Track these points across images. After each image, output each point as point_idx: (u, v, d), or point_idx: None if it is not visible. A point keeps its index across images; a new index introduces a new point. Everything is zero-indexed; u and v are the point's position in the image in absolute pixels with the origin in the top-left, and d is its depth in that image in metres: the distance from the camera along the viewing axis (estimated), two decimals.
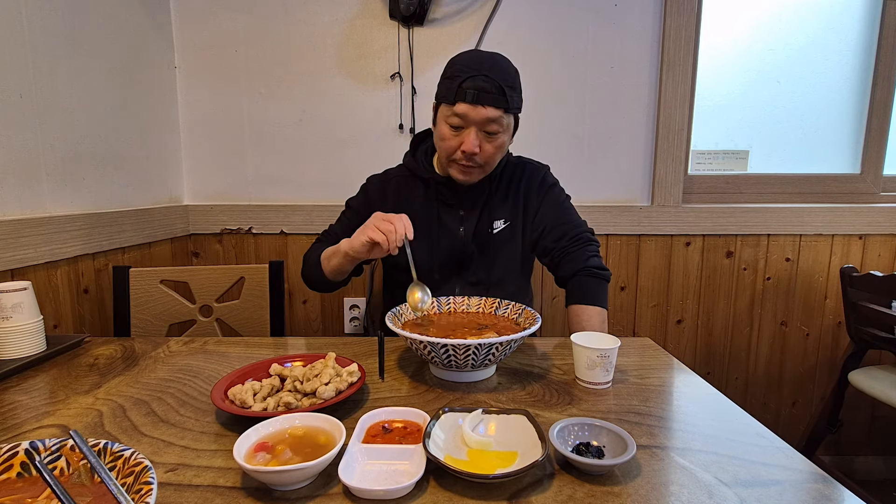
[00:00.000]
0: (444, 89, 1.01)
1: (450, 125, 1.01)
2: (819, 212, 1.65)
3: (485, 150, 1.01)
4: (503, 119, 0.99)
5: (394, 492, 0.49)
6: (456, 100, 0.97)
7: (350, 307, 1.71)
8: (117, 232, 1.34)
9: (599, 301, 1.05)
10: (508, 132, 1.03)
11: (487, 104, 0.96)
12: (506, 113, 0.98)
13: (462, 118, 0.98)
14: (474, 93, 0.95)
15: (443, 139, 1.03)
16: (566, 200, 1.17)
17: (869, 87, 1.69)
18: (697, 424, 0.66)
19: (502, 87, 0.96)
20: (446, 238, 1.11)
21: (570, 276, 1.09)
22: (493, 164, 1.06)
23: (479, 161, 1.02)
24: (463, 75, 0.97)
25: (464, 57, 1.01)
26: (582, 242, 1.11)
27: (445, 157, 1.05)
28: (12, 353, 0.86)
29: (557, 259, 1.11)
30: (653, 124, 1.64)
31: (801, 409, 1.78)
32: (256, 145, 1.66)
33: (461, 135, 1.00)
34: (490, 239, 1.11)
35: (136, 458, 0.45)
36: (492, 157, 1.03)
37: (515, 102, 1.00)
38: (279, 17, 1.59)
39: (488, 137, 1.00)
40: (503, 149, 1.05)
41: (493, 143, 1.01)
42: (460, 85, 0.96)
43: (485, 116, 0.97)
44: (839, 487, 0.53)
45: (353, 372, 0.73)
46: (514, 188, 1.14)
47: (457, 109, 0.98)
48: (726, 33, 1.68)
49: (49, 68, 1.14)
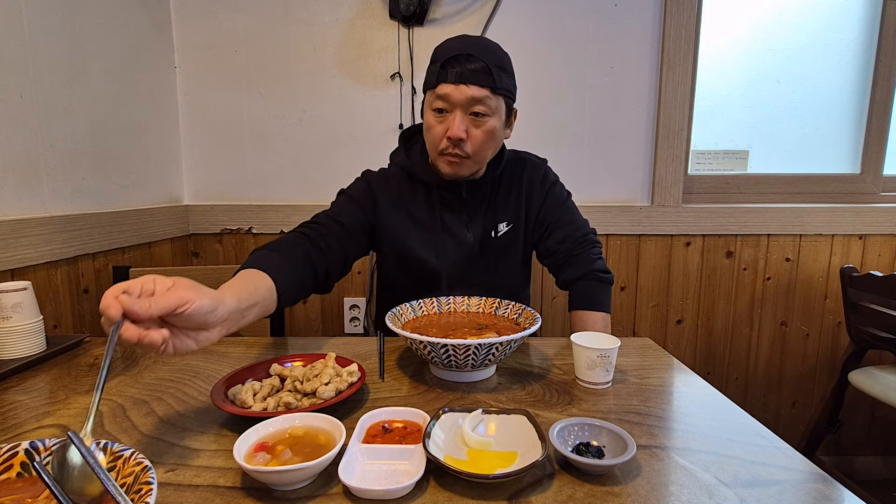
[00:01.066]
0: (428, 74, 0.96)
1: (434, 111, 0.94)
2: (819, 212, 1.65)
3: (473, 136, 0.94)
4: (490, 100, 0.92)
5: (394, 492, 0.49)
6: (438, 81, 0.92)
7: (350, 307, 1.71)
8: (117, 232, 1.34)
9: (604, 306, 1.05)
10: (498, 116, 0.95)
11: (471, 82, 0.90)
12: (493, 93, 0.92)
13: (445, 100, 0.92)
14: (457, 71, 0.90)
15: (428, 128, 0.97)
16: (568, 199, 1.14)
17: (869, 87, 1.69)
18: (697, 424, 0.66)
19: (488, 66, 0.90)
20: (452, 245, 1.06)
21: (574, 279, 1.07)
22: (483, 154, 0.98)
23: (467, 150, 0.95)
24: (446, 56, 0.92)
25: (449, 41, 0.96)
26: (586, 245, 1.08)
27: (433, 149, 0.98)
28: (12, 353, 0.85)
29: (561, 262, 1.08)
30: (653, 124, 1.64)
31: (801, 409, 1.78)
32: (256, 145, 1.66)
33: (446, 120, 0.94)
34: (494, 243, 1.08)
35: (136, 458, 0.45)
36: (482, 146, 0.95)
37: (504, 83, 0.93)
38: (279, 17, 1.59)
39: (475, 121, 0.93)
40: (494, 136, 0.96)
41: (482, 128, 0.94)
42: (442, 66, 0.91)
43: (469, 96, 0.90)
44: (839, 487, 0.52)
45: (353, 372, 0.73)
46: (516, 187, 1.09)
47: (439, 91, 0.92)
48: (726, 33, 1.69)
49: (49, 68, 1.14)
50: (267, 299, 0.76)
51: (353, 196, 1.06)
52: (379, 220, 1.07)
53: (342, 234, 0.99)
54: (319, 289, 0.96)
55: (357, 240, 1.03)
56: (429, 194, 1.06)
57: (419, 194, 1.07)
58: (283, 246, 0.90)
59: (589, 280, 1.06)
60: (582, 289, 1.06)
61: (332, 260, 0.96)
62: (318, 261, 0.93)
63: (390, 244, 1.07)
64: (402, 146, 1.11)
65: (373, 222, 1.07)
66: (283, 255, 0.86)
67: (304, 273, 0.90)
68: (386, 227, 1.06)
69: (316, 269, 0.93)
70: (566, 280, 1.09)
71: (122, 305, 0.52)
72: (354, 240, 1.02)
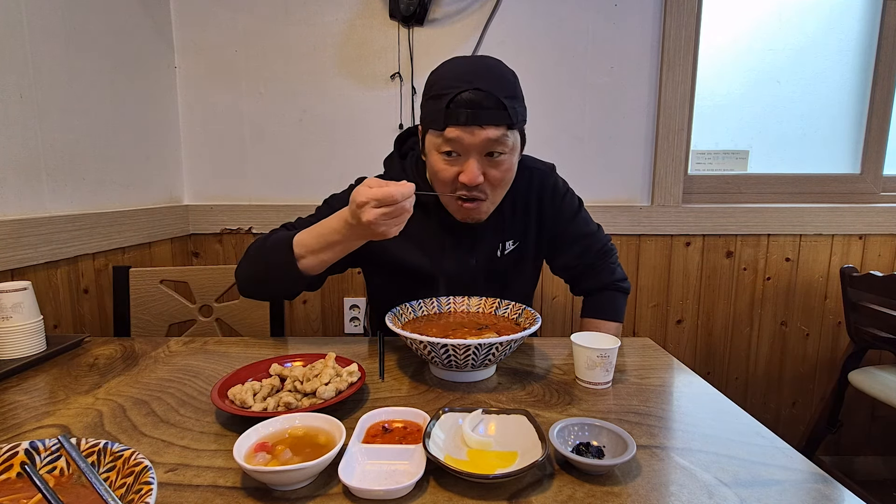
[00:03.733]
0: (429, 112, 0.83)
1: (443, 154, 0.83)
2: (819, 212, 1.65)
3: (491, 178, 0.84)
4: (507, 138, 0.81)
5: (394, 492, 0.49)
6: (446, 124, 0.80)
7: (350, 307, 1.71)
8: (117, 232, 1.34)
9: (619, 316, 1.05)
10: (515, 151, 0.85)
11: (486, 123, 0.79)
12: (510, 129, 0.81)
13: (457, 144, 0.81)
14: (467, 112, 0.78)
15: (437, 172, 0.85)
16: (581, 208, 1.06)
17: (869, 87, 1.69)
18: (697, 424, 0.66)
19: (500, 99, 0.79)
20: (454, 268, 0.97)
21: (595, 289, 1.06)
22: (502, 192, 0.89)
23: (486, 192, 0.85)
24: (450, 92, 0.78)
25: (447, 68, 0.83)
26: (604, 255, 1.07)
27: (442, 190, 0.87)
28: (12, 353, 0.86)
29: (579, 273, 1.07)
30: (653, 124, 1.64)
31: (801, 409, 1.78)
32: (256, 145, 1.66)
33: (458, 164, 0.83)
34: (500, 262, 0.99)
35: (136, 458, 0.45)
36: (501, 186, 0.87)
37: (520, 115, 0.83)
38: (279, 17, 1.59)
39: (492, 162, 0.83)
40: (512, 172, 0.87)
41: (500, 169, 0.84)
42: (448, 105, 0.79)
43: (484, 139, 0.79)
44: (839, 487, 0.52)
45: (353, 372, 0.73)
46: (523, 201, 0.99)
47: (448, 135, 0.80)
48: (726, 33, 1.68)
49: (49, 68, 1.14)
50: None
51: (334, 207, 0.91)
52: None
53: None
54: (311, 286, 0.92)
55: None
56: (428, 215, 0.96)
57: (418, 214, 0.87)
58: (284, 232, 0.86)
59: (610, 290, 1.06)
60: (601, 298, 1.06)
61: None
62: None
63: (382, 261, 0.99)
64: (396, 152, 1.03)
65: None
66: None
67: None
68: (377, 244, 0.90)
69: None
70: (586, 290, 1.08)
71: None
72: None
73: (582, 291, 1.10)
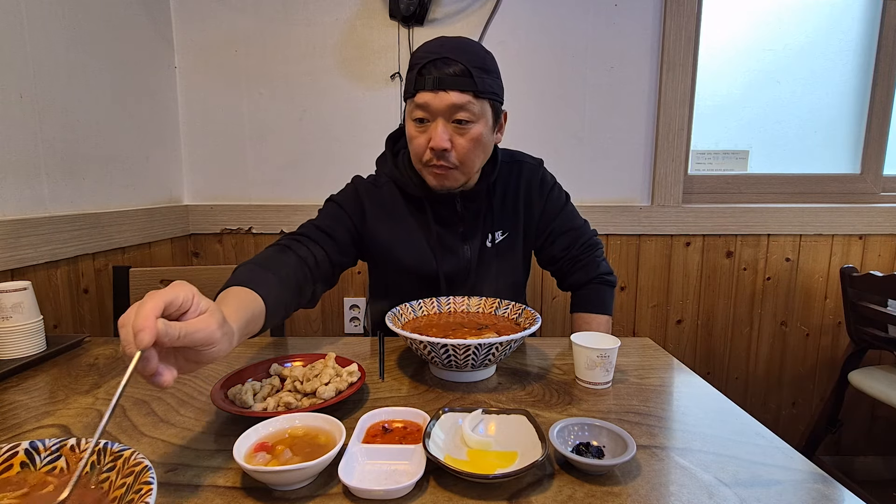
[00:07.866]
0: (406, 83, 0.90)
1: (415, 121, 0.89)
2: (819, 212, 1.65)
3: (457, 145, 0.88)
4: (473, 105, 0.85)
5: (394, 492, 0.49)
6: (416, 90, 0.86)
7: (350, 307, 1.71)
8: (117, 232, 1.34)
9: (607, 309, 1.07)
10: (484, 121, 0.89)
11: (450, 88, 0.84)
12: (476, 98, 0.85)
13: (425, 109, 0.86)
14: (434, 77, 0.84)
15: (411, 140, 0.91)
16: (568, 202, 1.10)
17: (869, 87, 1.69)
18: (697, 424, 0.66)
19: (468, 68, 0.84)
20: (448, 259, 1.01)
21: (582, 283, 1.08)
22: (471, 163, 0.91)
23: (453, 160, 0.89)
24: (423, 62, 0.85)
25: (425, 44, 0.89)
26: (590, 249, 1.08)
27: (418, 160, 0.93)
28: (12, 353, 0.85)
29: (566, 267, 1.09)
30: (653, 124, 1.64)
31: (801, 409, 1.78)
32: (256, 145, 1.66)
33: (428, 130, 0.88)
34: (490, 251, 1.03)
35: (136, 458, 0.45)
36: (468, 155, 0.89)
37: (487, 85, 0.86)
38: (279, 17, 1.59)
39: (459, 129, 0.87)
40: (481, 143, 0.90)
41: (466, 136, 0.87)
42: (419, 72, 0.85)
43: (449, 103, 0.84)
44: (839, 487, 0.52)
45: (353, 372, 0.73)
46: (513, 192, 1.04)
47: (418, 100, 0.86)
48: (726, 33, 1.69)
49: (49, 68, 1.14)
50: (256, 329, 0.70)
51: (342, 204, 1.01)
52: (367, 230, 1.01)
53: (331, 247, 0.95)
54: (304, 307, 0.91)
55: (345, 250, 0.98)
56: (421, 209, 1.00)
57: (411, 208, 1.01)
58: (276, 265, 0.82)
59: (596, 284, 1.07)
60: (588, 292, 1.08)
61: (321, 278, 0.92)
62: (305, 285, 0.87)
63: (381, 256, 1.03)
64: (388, 151, 1.06)
65: (361, 231, 1.01)
66: (278, 279, 0.78)
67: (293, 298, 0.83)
68: (375, 238, 1.01)
69: (303, 292, 0.87)
70: (573, 284, 1.10)
71: (158, 333, 0.45)
72: (343, 250, 0.98)
73: (569, 286, 1.11)
